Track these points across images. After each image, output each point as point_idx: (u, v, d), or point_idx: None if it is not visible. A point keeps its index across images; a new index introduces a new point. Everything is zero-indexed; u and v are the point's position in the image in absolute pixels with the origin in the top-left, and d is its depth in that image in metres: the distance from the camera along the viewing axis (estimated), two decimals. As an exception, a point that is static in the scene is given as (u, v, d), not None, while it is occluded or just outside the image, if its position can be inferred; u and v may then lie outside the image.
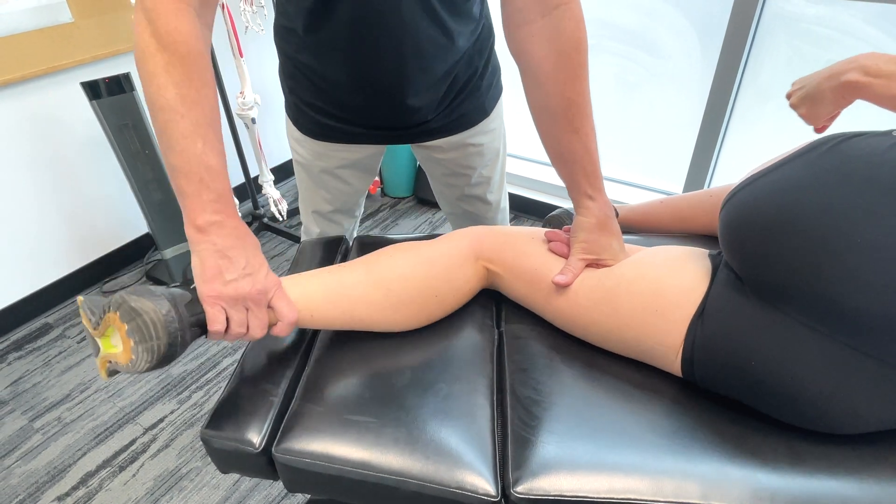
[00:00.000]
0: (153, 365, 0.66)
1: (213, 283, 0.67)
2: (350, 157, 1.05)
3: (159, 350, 0.65)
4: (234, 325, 0.68)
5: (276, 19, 0.93)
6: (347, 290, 0.79)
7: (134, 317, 0.64)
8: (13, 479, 1.39)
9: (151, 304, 0.65)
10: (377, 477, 0.67)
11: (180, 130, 0.64)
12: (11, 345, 1.79)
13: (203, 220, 0.66)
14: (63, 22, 1.66)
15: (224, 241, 0.67)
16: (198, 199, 0.66)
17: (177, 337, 0.66)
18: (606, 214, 0.80)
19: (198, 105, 0.65)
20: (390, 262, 0.82)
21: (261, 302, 0.70)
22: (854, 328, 0.59)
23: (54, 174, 1.80)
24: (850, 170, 0.60)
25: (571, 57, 0.76)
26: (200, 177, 0.66)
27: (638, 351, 0.76)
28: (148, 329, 0.64)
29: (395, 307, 0.80)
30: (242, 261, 0.68)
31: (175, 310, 0.66)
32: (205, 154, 0.65)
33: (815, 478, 0.63)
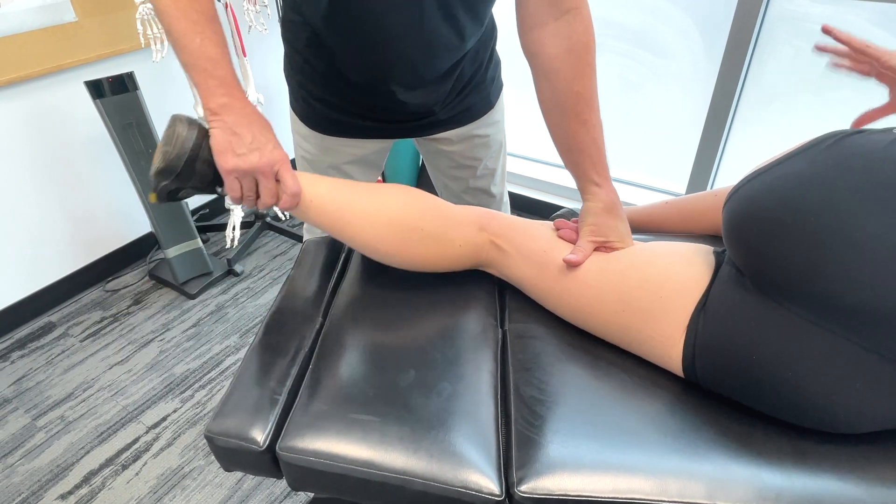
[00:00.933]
0: (160, 165, 0.77)
1: (227, 155, 0.75)
2: (357, 153, 1.07)
3: (168, 155, 0.77)
4: (245, 191, 0.78)
5: (284, 14, 0.94)
6: (348, 193, 0.85)
7: (170, 127, 0.78)
8: (16, 478, 1.40)
9: (186, 127, 0.77)
10: (381, 476, 0.67)
11: (179, 29, 0.73)
12: (15, 343, 1.79)
13: (214, 103, 0.75)
14: (67, 21, 1.66)
15: (233, 119, 0.75)
16: (205, 86, 0.75)
17: (185, 155, 0.77)
18: (613, 200, 0.84)
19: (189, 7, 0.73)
20: (396, 190, 0.87)
21: (268, 173, 0.77)
22: (855, 323, 0.59)
23: (58, 173, 1.80)
24: (851, 166, 0.61)
25: (581, 56, 0.81)
26: (203, 67, 0.74)
27: (637, 341, 0.76)
28: (170, 138, 0.77)
29: (381, 223, 0.84)
30: (249, 136, 0.75)
31: (198, 141, 0.77)
32: (203, 46, 0.74)
33: (820, 477, 0.63)
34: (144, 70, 1.87)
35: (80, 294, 1.98)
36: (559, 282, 0.82)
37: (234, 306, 1.90)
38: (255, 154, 0.75)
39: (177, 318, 1.86)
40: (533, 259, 0.84)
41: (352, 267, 1.00)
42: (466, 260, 0.89)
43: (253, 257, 2.13)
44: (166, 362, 1.70)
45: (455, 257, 0.88)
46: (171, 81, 2.00)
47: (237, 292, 1.96)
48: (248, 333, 1.79)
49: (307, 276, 0.99)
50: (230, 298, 1.93)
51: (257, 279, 2.02)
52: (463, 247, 0.87)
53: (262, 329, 0.87)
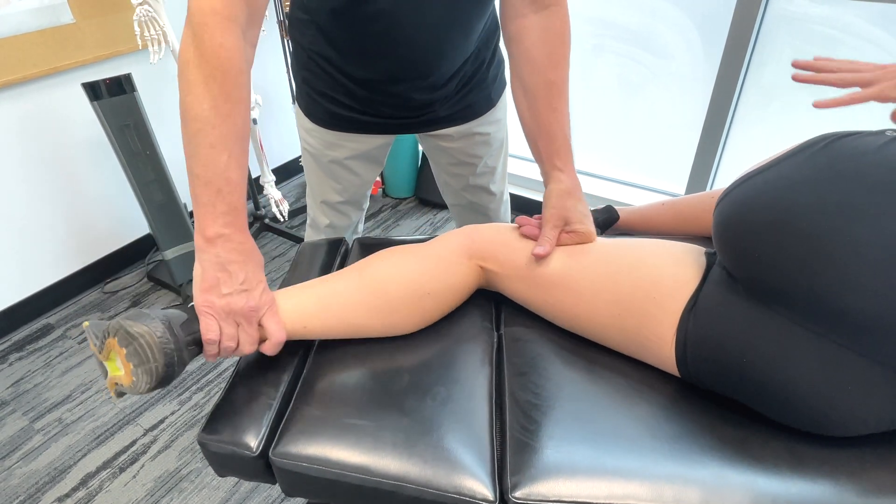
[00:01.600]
0: (153, 385, 0.67)
1: (209, 293, 0.68)
2: (359, 148, 1.07)
3: (157, 371, 0.66)
4: (224, 338, 0.70)
5: (291, 12, 0.96)
6: (340, 296, 0.79)
7: (130, 341, 0.66)
8: (14, 480, 1.39)
9: (146, 327, 0.66)
10: (375, 481, 0.66)
11: (208, 141, 0.66)
12: (13, 345, 1.79)
13: (212, 231, 0.68)
14: (64, 23, 1.66)
15: (228, 254, 0.69)
16: (211, 209, 0.68)
17: (173, 357, 0.67)
18: (575, 183, 0.87)
19: (230, 119, 0.67)
20: (382, 265, 0.82)
21: (251, 319, 0.71)
22: (845, 327, 0.59)
23: (55, 175, 1.80)
24: (842, 168, 0.61)
25: (556, 46, 0.87)
26: (219, 188, 0.67)
27: (635, 343, 0.75)
28: (145, 352, 0.66)
29: (389, 309, 0.80)
30: (241, 276, 0.69)
31: (170, 331, 0.67)
32: (228, 167, 0.67)
33: (817, 482, 0.62)
34: (142, 72, 1.87)
35: (79, 296, 1.98)
36: (551, 294, 0.81)
37: (233, 308, 1.89)
38: (243, 297, 0.69)
39: (175, 319, 1.86)
40: (520, 275, 0.83)
41: (347, 270, 0.99)
42: (472, 290, 0.89)
43: (251, 259, 2.13)
44: (164, 364, 1.70)
45: (464, 295, 0.87)
46: (169, 83, 2.00)
47: (235, 294, 1.95)
48: (246, 335, 1.79)
49: (303, 278, 0.99)
50: (228, 300, 1.93)
51: (256, 281, 2.01)
52: (466, 283, 0.85)
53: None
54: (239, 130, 0.68)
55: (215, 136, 0.66)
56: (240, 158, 0.69)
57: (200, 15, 0.66)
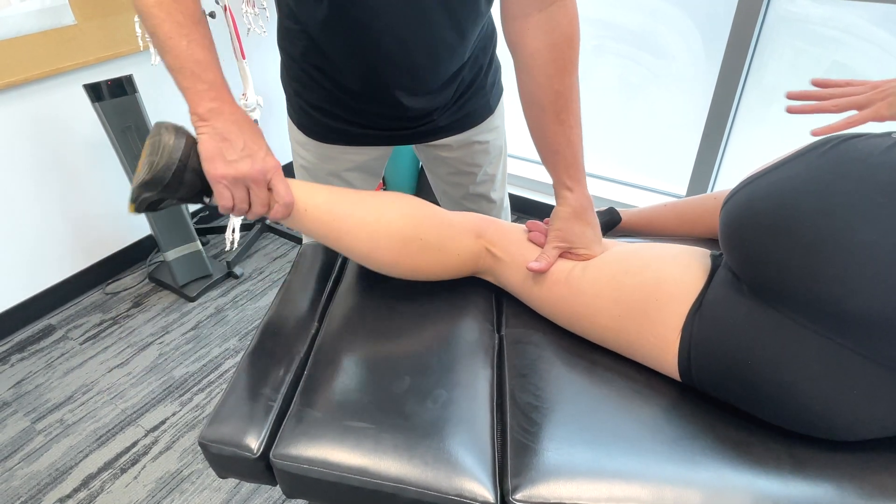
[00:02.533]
0: (146, 177, 0.74)
1: (216, 162, 0.72)
2: (357, 160, 1.05)
3: (155, 166, 0.73)
4: (237, 201, 0.74)
5: (280, 22, 0.93)
6: (344, 201, 0.82)
7: (154, 135, 0.75)
8: (15, 481, 1.40)
9: (173, 135, 0.74)
10: (376, 484, 0.66)
11: (165, 33, 0.71)
12: (14, 346, 1.80)
13: (203, 108, 0.72)
14: (66, 24, 1.66)
15: (223, 125, 0.73)
16: (194, 90, 0.72)
17: (173, 165, 0.73)
18: (583, 205, 0.83)
19: (175, 9, 0.71)
20: (394, 197, 0.85)
21: (259, 181, 0.74)
22: (851, 330, 0.59)
23: (57, 176, 1.81)
24: (848, 170, 0.60)
25: (563, 51, 0.79)
26: (191, 70, 0.72)
27: (636, 345, 0.75)
28: (156, 148, 0.74)
29: (380, 235, 0.82)
30: (240, 143, 0.73)
31: (186, 150, 0.74)
32: (190, 50, 0.71)
33: (818, 485, 0.62)
34: (143, 73, 1.87)
35: (80, 297, 1.98)
36: (553, 291, 0.81)
37: (234, 309, 1.90)
38: (247, 161, 0.73)
39: (176, 320, 1.86)
40: (525, 270, 0.84)
41: (348, 272, 0.99)
42: (465, 268, 0.89)
43: (253, 260, 2.13)
44: (165, 365, 1.70)
45: (453, 266, 0.88)
46: (170, 84, 1.99)
47: (237, 295, 1.96)
48: (247, 336, 1.79)
49: (303, 281, 0.99)
50: (230, 301, 1.93)
51: (257, 282, 2.02)
52: (461, 255, 0.86)
53: (258, 335, 0.87)
54: (188, 17, 0.72)
55: (168, 27, 0.71)
56: (200, 40, 0.72)
57: None
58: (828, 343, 0.60)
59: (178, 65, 0.72)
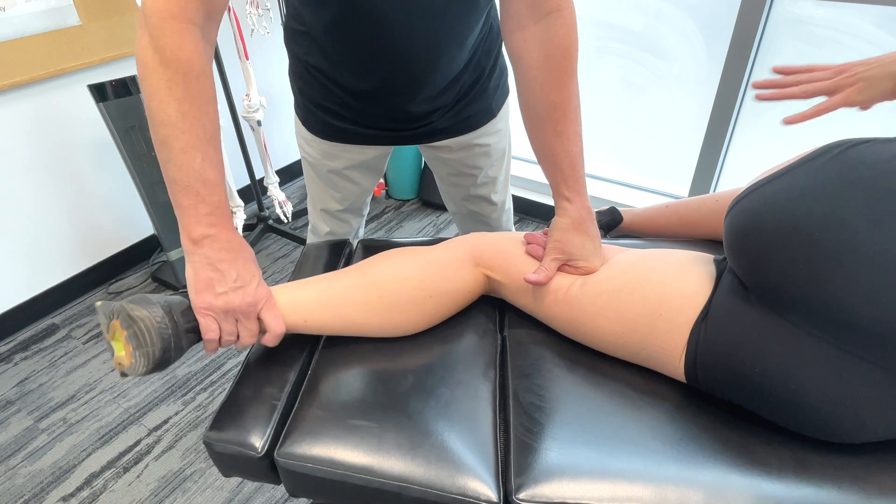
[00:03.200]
0: (150, 368, 0.69)
1: (204, 294, 0.69)
2: (358, 158, 1.06)
3: (154, 355, 0.68)
4: (224, 334, 0.71)
5: (287, 22, 0.94)
6: (339, 292, 0.80)
7: (131, 324, 0.68)
8: (18, 479, 1.40)
9: (147, 312, 0.68)
10: (379, 482, 0.67)
11: (180, 146, 0.66)
12: (18, 345, 1.80)
13: (198, 232, 0.68)
14: (71, 25, 1.67)
15: (217, 254, 0.69)
16: (194, 211, 0.68)
17: (170, 343, 0.69)
18: (582, 216, 0.81)
19: (198, 121, 0.66)
20: (384, 265, 0.83)
21: (250, 314, 0.72)
22: (859, 337, 0.58)
23: (61, 176, 1.81)
24: (856, 177, 0.60)
25: (559, 62, 0.79)
26: (197, 190, 0.67)
27: (643, 355, 0.75)
28: (143, 336, 0.68)
29: (388, 308, 0.80)
30: (233, 274, 0.70)
31: (169, 317, 0.69)
32: (203, 169, 0.67)
33: (820, 487, 0.62)
34: (147, 73, 1.88)
35: (83, 296, 1.99)
36: (553, 310, 0.81)
37: (236, 309, 1.90)
38: (238, 293, 0.70)
39: (179, 320, 1.87)
40: (523, 289, 0.83)
41: (352, 271, 1.00)
42: (478, 293, 0.88)
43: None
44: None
45: (468, 298, 0.87)
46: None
47: (239, 295, 1.96)
48: (249, 336, 1.79)
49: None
50: (232, 301, 1.93)
51: (259, 282, 2.02)
52: (469, 286, 0.85)
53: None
54: (208, 132, 0.68)
55: (185, 141, 0.66)
56: (213, 158, 0.68)
57: (157, 18, 0.64)
58: (835, 350, 0.60)
59: (184, 182, 0.67)
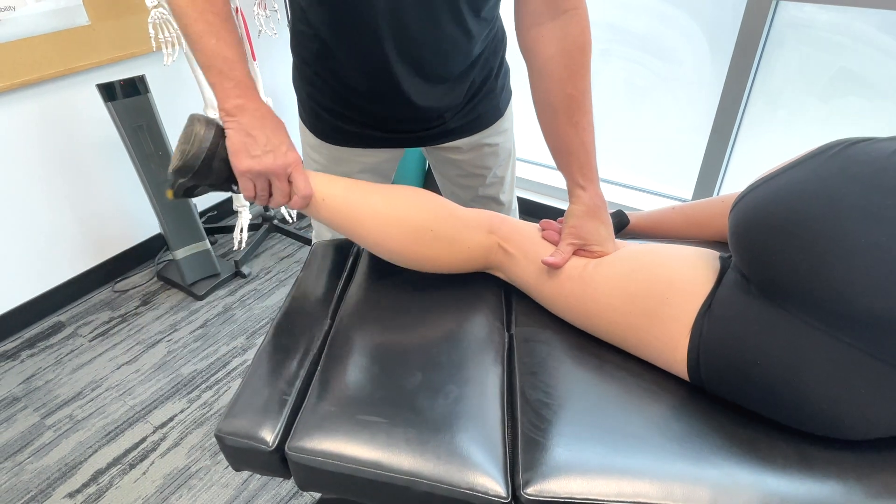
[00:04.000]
0: (178, 164, 0.80)
1: (241, 156, 0.77)
2: (368, 162, 1.07)
3: (186, 154, 0.79)
4: (259, 191, 0.80)
5: (293, 25, 0.95)
6: (363, 191, 0.86)
7: (188, 126, 0.80)
8: (25, 476, 1.41)
9: (204, 126, 0.80)
10: (388, 477, 0.68)
11: (196, 31, 0.75)
12: (24, 342, 1.81)
13: (229, 104, 0.77)
14: (80, 25, 1.68)
15: (248, 121, 0.77)
16: (221, 87, 0.77)
17: (202, 154, 0.79)
18: (596, 204, 0.85)
19: (206, 9, 0.75)
20: (410, 190, 0.89)
21: (280, 175, 0.79)
22: (861, 330, 0.59)
23: (69, 174, 1.82)
24: (856, 173, 0.62)
25: (575, 58, 0.82)
26: (220, 68, 0.76)
27: (645, 342, 0.76)
28: (188, 137, 0.79)
29: (389, 223, 0.85)
30: (263, 139, 0.77)
31: (216, 140, 0.80)
32: (219, 48, 0.76)
33: (826, 483, 0.63)
34: (156, 73, 1.90)
35: (89, 294, 2.00)
36: (565, 287, 0.83)
37: (242, 308, 1.91)
38: (269, 156, 0.77)
39: (184, 318, 1.88)
40: (539, 264, 0.85)
41: (360, 270, 1.01)
42: (475, 262, 0.91)
43: (260, 259, 2.15)
44: (174, 363, 1.71)
45: (464, 259, 0.89)
46: (182, 85, 2.02)
47: (244, 294, 1.97)
48: (255, 335, 1.80)
49: (316, 278, 1.00)
50: (237, 300, 1.95)
51: (264, 281, 2.03)
52: (472, 249, 0.88)
53: (272, 330, 0.88)
54: (220, 17, 0.76)
55: (200, 27, 0.75)
56: (228, 39, 0.76)
57: None
58: (837, 343, 0.61)
59: (207, 62, 0.76)
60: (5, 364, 1.74)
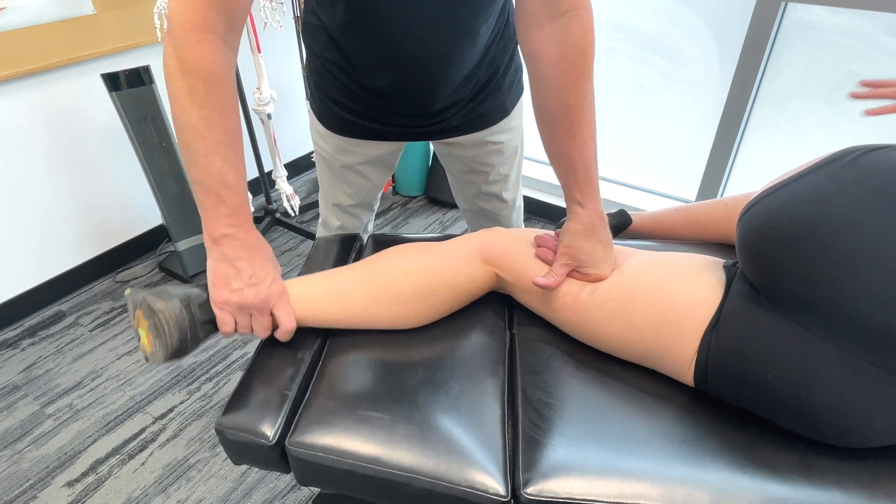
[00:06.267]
0: (168, 357, 0.74)
1: (221, 289, 0.74)
2: (371, 153, 1.07)
3: (171, 345, 0.73)
4: (239, 327, 0.76)
5: (305, 17, 0.95)
6: (347, 285, 0.83)
7: (152, 315, 0.73)
8: (24, 464, 1.41)
9: (166, 304, 0.74)
10: (388, 473, 0.68)
11: (201, 149, 0.70)
12: (25, 331, 1.82)
13: (218, 232, 0.72)
14: (85, 13, 1.68)
15: (234, 252, 0.73)
16: (214, 212, 0.72)
17: (186, 334, 0.74)
18: (594, 222, 0.80)
19: (219, 126, 0.70)
20: (390, 259, 0.85)
21: (263, 310, 0.76)
22: (871, 342, 0.59)
23: (72, 164, 1.82)
24: (871, 183, 0.60)
25: (575, 62, 0.77)
26: (218, 193, 0.71)
27: (651, 362, 0.76)
28: (162, 326, 0.73)
29: (393, 302, 0.82)
30: (249, 271, 0.74)
31: (187, 309, 0.74)
32: (223, 172, 0.71)
33: (826, 490, 0.63)
34: (160, 64, 1.88)
35: (91, 284, 2.00)
36: (562, 315, 0.81)
37: (243, 300, 1.91)
38: (252, 290, 0.73)
39: (185, 310, 1.88)
40: (534, 292, 0.83)
41: (362, 265, 1.00)
42: (486, 289, 0.89)
43: (262, 252, 2.14)
44: (174, 354, 1.71)
45: (475, 293, 0.88)
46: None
47: (245, 287, 1.97)
48: (255, 328, 1.80)
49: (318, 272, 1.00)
50: (238, 292, 1.94)
51: (266, 274, 2.03)
52: (477, 282, 0.86)
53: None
54: (229, 136, 0.71)
55: (207, 145, 0.69)
56: (234, 162, 0.71)
57: (180, 30, 0.68)
58: (850, 357, 0.60)
59: (205, 184, 0.71)
60: (6, 352, 1.74)
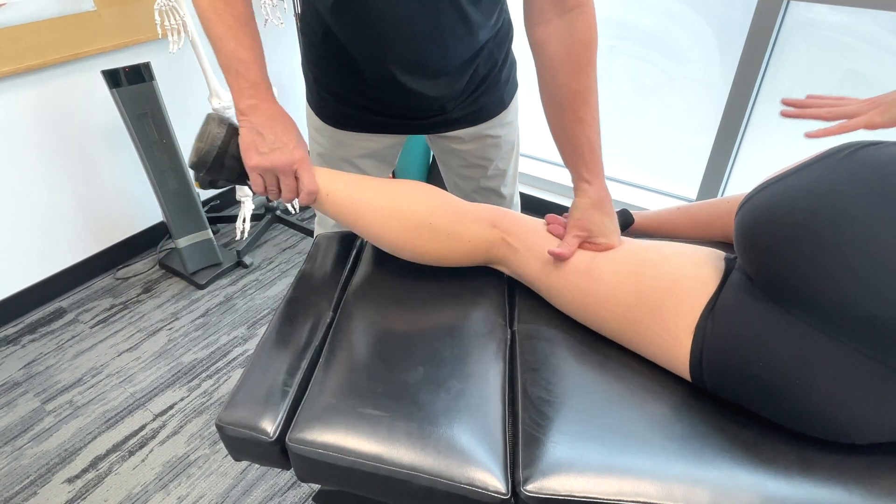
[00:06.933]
0: (192, 160, 0.87)
1: (250, 153, 0.82)
2: (370, 147, 1.08)
3: (199, 151, 0.85)
4: (268, 187, 0.85)
5: (302, 10, 0.96)
6: (365, 186, 0.89)
7: (205, 125, 0.86)
8: (24, 460, 1.41)
9: (218, 125, 0.86)
10: (389, 470, 0.68)
11: (216, 33, 0.80)
12: (25, 327, 1.82)
13: (243, 104, 0.82)
14: (85, 10, 1.67)
15: (259, 120, 0.82)
16: (237, 86, 0.81)
17: (213, 151, 0.85)
18: (602, 196, 0.86)
19: (226, 12, 0.80)
20: (412, 184, 0.91)
21: (287, 171, 0.84)
22: (865, 335, 0.59)
23: (72, 161, 1.82)
24: (866, 177, 0.61)
25: (580, 54, 0.83)
26: (236, 69, 0.81)
27: (647, 339, 0.76)
28: (203, 135, 0.86)
29: (389, 216, 0.87)
30: (272, 137, 0.82)
31: (227, 139, 0.86)
32: (237, 50, 0.80)
33: (826, 487, 0.63)
34: (161, 61, 1.89)
35: (91, 281, 2.00)
36: (571, 279, 0.83)
37: (243, 298, 1.91)
38: (276, 153, 0.81)
39: (185, 307, 1.88)
40: (544, 257, 0.85)
41: (363, 263, 1.01)
42: (476, 256, 0.91)
43: (262, 250, 2.14)
44: (174, 351, 1.71)
45: (464, 253, 0.90)
46: (188, 73, 2.01)
47: (246, 284, 1.97)
48: (255, 325, 1.80)
49: (319, 270, 1.00)
50: (239, 290, 1.95)
51: (266, 271, 2.03)
52: (472, 242, 0.88)
53: (274, 321, 0.88)
54: (238, 19, 0.80)
55: (219, 30, 0.80)
56: (245, 41, 0.81)
57: None
58: (841, 347, 0.61)
59: (225, 63, 0.81)
60: (6, 349, 1.74)
